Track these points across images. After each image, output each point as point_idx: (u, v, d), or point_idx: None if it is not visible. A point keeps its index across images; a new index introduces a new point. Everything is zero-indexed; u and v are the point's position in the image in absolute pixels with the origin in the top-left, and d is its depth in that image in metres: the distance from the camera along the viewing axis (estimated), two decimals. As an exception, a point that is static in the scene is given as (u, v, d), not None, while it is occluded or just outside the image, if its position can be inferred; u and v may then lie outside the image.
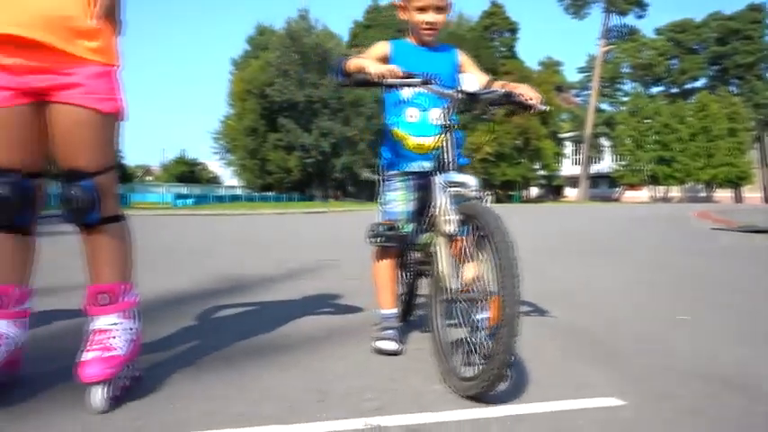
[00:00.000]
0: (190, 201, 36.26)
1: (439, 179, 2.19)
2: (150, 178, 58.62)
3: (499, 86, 2.37)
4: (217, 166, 61.57)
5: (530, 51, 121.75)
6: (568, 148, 66.42)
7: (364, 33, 47.38)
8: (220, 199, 41.75)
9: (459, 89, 2.20)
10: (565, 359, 2.49)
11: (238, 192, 53.04)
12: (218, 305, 3.51)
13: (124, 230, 2.01)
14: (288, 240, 9.12)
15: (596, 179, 63.33)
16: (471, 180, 2.15)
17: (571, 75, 69.28)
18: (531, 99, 2.30)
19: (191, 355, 2.42)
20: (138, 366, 2.07)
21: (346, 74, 2.37)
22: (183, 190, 43.60)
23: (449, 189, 2.13)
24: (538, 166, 56.61)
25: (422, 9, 2.46)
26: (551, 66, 61.61)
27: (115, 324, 1.92)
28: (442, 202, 2.13)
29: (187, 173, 52.00)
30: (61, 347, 2.47)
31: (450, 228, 2.08)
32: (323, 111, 41.19)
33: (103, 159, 1.89)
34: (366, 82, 2.21)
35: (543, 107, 2.32)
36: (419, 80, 2.24)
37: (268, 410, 1.86)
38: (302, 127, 41.37)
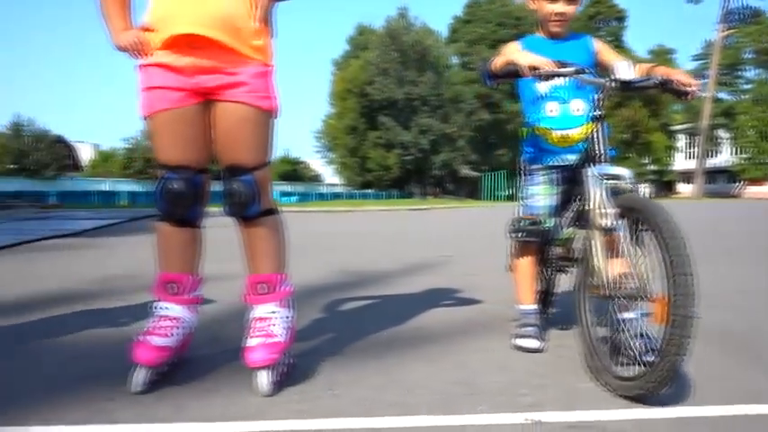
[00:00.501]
0: (294, 198, 37.58)
1: (592, 171, 2.11)
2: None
3: (658, 73, 2.25)
4: (318, 164, 63.43)
5: (639, 40, 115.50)
6: (681, 141, 62.32)
7: (464, 28, 46.89)
8: (322, 196, 42.96)
9: (613, 78, 2.12)
10: (722, 362, 2.33)
11: (339, 189, 54.26)
12: (347, 298, 3.60)
13: (279, 223, 2.11)
14: (397, 237, 9.21)
15: (713, 174, 58.99)
16: (626, 172, 2.06)
17: (685, 63, 64.95)
18: (687, 86, 2.17)
19: (335, 346, 2.50)
20: (292, 353, 2.16)
21: (493, 75, 2.33)
22: (287, 188, 45.32)
23: (604, 181, 2.05)
24: (647, 161, 53.62)
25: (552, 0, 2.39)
26: (662, 54, 58.03)
27: (274, 312, 2.03)
28: (598, 195, 2.05)
29: (290, 171, 53.97)
30: (224, 333, 2.64)
31: (607, 221, 2.00)
32: (422, 108, 41.25)
33: (262, 155, 2.00)
34: (516, 74, 2.18)
35: (700, 93, 2.18)
36: (572, 69, 2.18)
37: (421, 400, 1.88)
38: (401, 124, 41.65)
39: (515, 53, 2.29)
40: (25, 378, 2.06)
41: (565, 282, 2.75)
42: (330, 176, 64.07)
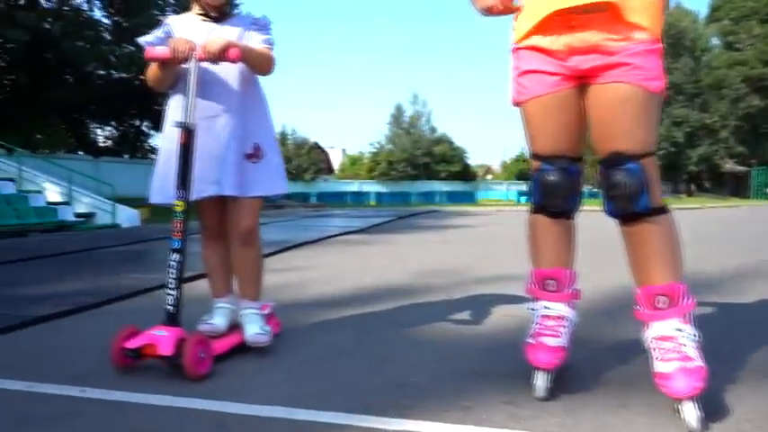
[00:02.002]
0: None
1: None
2: (490, 177, 61.52)
3: None
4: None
5: None
6: None
7: (728, 4, 41.15)
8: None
9: None
10: None
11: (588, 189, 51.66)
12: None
13: (672, 223, 1.78)
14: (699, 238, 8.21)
15: None
16: None
17: None
18: None
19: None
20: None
21: None
22: (524, 187, 44.51)
23: None
24: None
25: None
26: None
27: (680, 330, 1.66)
28: None
29: (526, 170, 52.87)
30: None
31: None
32: (676, 97, 37.28)
33: (649, 141, 1.70)
34: None
35: None
36: None
37: None
38: (652, 117, 38.19)
39: None
40: (419, 371, 2.03)
41: None
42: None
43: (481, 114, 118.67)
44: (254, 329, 2.11)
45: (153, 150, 27.71)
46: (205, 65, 1.95)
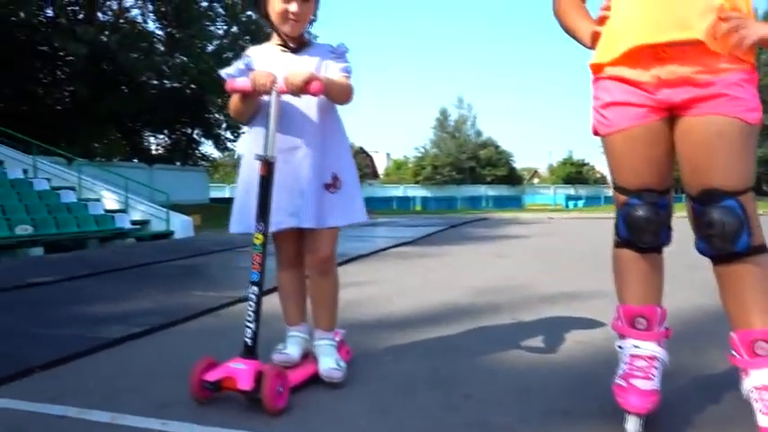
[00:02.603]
0: (581, 202, 36.02)
1: None
2: (537, 180, 60.62)
3: None
4: (604, 166, 59.88)
5: None
6: None
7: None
8: (610, 200, 40.34)
9: None
10: None
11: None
12: None
13: None
14: None
15: None
16: None
17: None
18: None
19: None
20: None
21: None
22: (572, 191, 43.71)
23: None
24: None
25: None
26: None
27: None
28: None
29: (574, 174, 51.88)
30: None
31: None
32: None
33: (748, 176, 1.61)
34: None
35: None
36: None
37: None
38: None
39: None
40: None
41: None
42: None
43: (527, 117, 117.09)
44: (330, 364, 2.09)
45: (204, 157, 28.40)
46: (286, 97, 1.94)
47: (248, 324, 1.91)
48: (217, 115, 24.79)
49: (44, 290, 4.42)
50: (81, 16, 20.71)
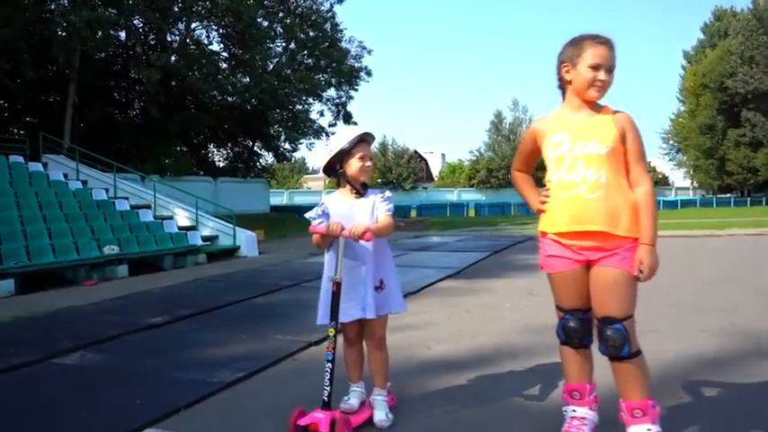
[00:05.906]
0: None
1: None
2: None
3: None
4: (665, 167, 58.40)
5: None
6: None
7: None
8: (671, 204, 39.40)
9: None
10: None
11: (689, 195, 49.20)
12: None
13: (643, 360, 2.41)
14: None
15: None
16: None
17: None
18: None
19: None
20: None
21: None
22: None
23: None
24: None
25: None
26: None
27: (649, 429, 2.35)
28: None
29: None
30: None
31: None
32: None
33: (630, 308, 2.39)
34: None
35: None
36: None
37: None
38: (772, 119, 35.62)
39: None
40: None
41: None
42: (680, 180, 58.52)
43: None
44: (381, 415, 2.82)
45: (264, 169, 29.66)
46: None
47: (325, 387, 2.68)
48: (276, 128, 25.91)
49: (160, 333, 5.17)
50: (152, 42, 22.09)
